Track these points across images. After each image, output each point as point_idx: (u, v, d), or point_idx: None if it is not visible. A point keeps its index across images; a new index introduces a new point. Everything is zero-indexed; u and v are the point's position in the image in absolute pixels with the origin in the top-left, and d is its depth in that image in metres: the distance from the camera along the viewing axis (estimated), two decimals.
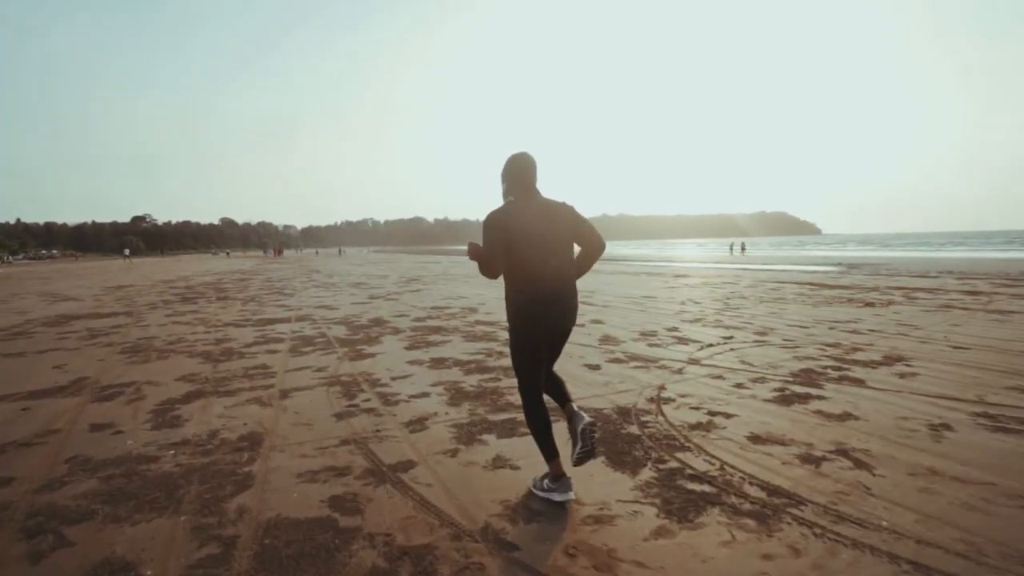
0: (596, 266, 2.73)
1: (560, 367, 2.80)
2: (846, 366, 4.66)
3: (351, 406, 3.89)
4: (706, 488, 2.48)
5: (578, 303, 2.50)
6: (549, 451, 2.43)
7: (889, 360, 4.84)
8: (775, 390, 4.01)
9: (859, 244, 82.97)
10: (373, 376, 4.75)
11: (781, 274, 17.57)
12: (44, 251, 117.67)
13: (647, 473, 2.65)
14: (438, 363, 5.22)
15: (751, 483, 2.52)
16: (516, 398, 3.51)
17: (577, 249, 2.57)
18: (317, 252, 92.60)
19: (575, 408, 2.50)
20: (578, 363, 5.01)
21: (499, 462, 2.84)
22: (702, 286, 13.25)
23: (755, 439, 3.06)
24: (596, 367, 4.87)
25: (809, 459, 2.76)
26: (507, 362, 4.99)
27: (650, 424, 3.34)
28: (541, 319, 2.38)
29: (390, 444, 3.14)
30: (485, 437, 3.21)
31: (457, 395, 4.12)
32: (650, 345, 5.84)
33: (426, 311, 9.21)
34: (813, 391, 3.95)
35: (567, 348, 2.82)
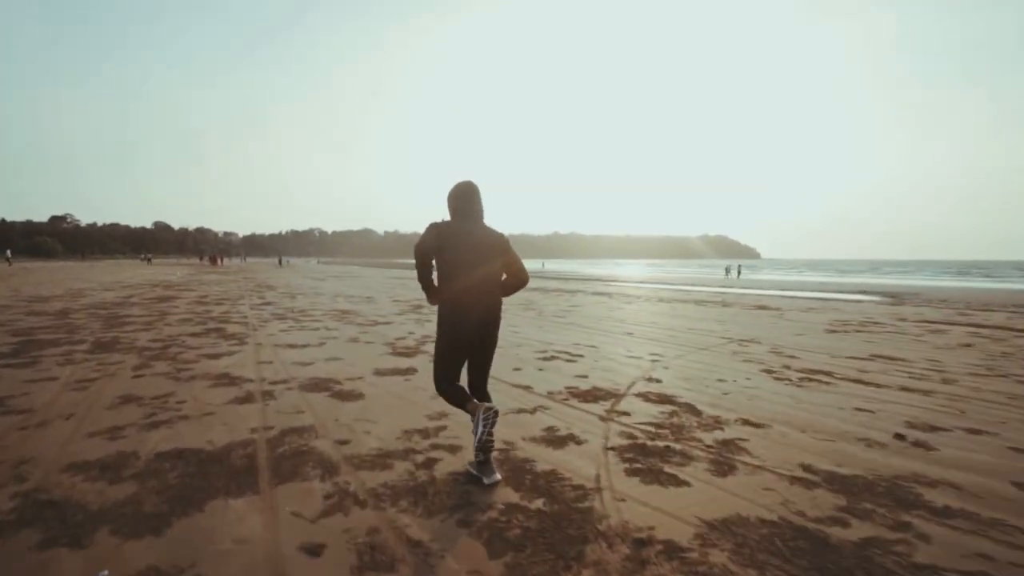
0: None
1: None
2: None
3: None
4: None
5: (500, 317, 2.81)
6: (466, 406, 2.76)
7: None
8: None
9: (812, 269, 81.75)
10: None
11: (846, 306, 13.46)
12: None
13: None
14: None
15: None
16: None
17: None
18: (281, 262, 69.33)
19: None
20: None
21: None
22: (819, 325, 8.25)
23: None
24: None
25: None
26: None
27: None
28: (459, 321, 2.70)
29: None
30: None
31: None
32: None
33: (604, 423, 3.77)
34: None
35: None
